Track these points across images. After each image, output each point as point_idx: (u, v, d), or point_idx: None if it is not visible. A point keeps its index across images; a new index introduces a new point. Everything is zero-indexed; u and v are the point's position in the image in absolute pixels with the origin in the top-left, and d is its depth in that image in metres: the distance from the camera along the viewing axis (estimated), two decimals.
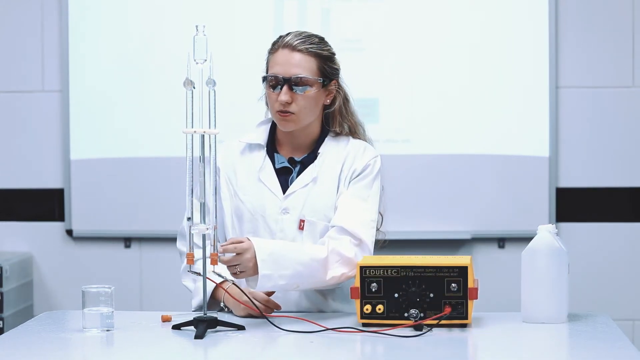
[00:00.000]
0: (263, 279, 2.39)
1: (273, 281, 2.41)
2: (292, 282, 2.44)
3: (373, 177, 2.60)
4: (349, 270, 2.50)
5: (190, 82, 2.25)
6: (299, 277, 2.45)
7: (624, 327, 4.06)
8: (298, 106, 2.54)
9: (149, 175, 4.30)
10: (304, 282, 2.47)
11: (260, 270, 2.38)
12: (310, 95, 2.55)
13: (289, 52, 2.54)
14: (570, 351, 2.22)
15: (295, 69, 2.53)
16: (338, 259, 2.49)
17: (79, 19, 4.30)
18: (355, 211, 2.55)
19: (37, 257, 4.40)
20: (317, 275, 2.47)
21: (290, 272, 2.43)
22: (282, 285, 2.43)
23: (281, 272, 2.41)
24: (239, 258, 2.37)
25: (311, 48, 2.56)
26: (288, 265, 2.43)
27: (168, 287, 4.21)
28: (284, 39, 2.57)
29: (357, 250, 2.51)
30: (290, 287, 2.46)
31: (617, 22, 4.22)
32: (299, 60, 2.53)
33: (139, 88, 4.29)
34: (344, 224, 2.52)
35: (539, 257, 2.36)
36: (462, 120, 4.22)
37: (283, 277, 2.42)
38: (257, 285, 2.40)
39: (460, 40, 4.22)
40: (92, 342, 2.22)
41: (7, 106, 4.37)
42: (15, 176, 4.39)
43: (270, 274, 2.40)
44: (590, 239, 4.26)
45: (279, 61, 2.54)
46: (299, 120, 2.55)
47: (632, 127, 4.24)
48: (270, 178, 2.60)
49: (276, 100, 2.53)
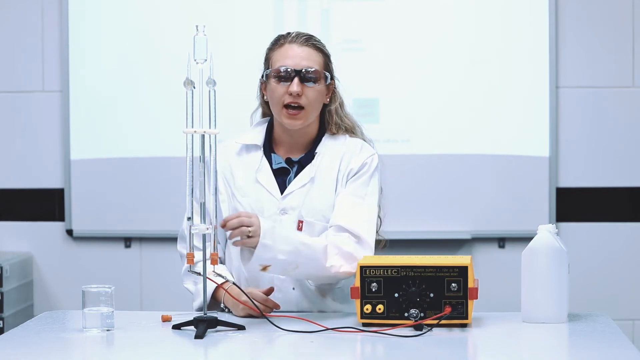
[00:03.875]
0: (262, 249, 2.36)
1: (272, 253, 2.38)
2: (291, 259, 2.41)
3: (370, 174, 2.60)
4: (348, 264, 2.48)
5: (190, 82, 2.25)
6: (299, 256, 2.42)
7: (624, 327, 4.06)
8: (308, 99, 2.54)
9: (149, 175, 4.30)
10: (303, 263, 2.44)
11: (261, 238, 2.36)
12: (319, 90, 2.57)
13: (298, 46, 2.56)
14: (570, 351, 2.22)
15: (306, 62, 2.55)
16: (337, 251, 2.48)
17: (79, 19, 4.30)
18: (353, 209, 2.55)
19: (37, 257, 4.40)
20: (317, 259, 2.45)
21: (291, 248, 2.41)
22: (281, 260, 2.40)
23: (282, 246, 2.39)
24: (246, 220, 2.35)
25: (318, 44, 2.60)
26: (289, 241, 2.41)
27: (168, 287, 4.21)
28: (289, 35, 2.60)
29: (357, 247, 2.50)
30: (289, 265, 2.43)
31: (617, 22, 4.22)
32: (310, 54, 2.56)
33: (139, 88, 4.29)
34: (342, 222, 2.52)
35: (539, 257, 2.36)
36: (462, 120, 4.22)
37: (283, 252, 2.40)
38: (254, 256, 2.37)
39: (460, 40, 4.22)
40: (92, 342, 2.22)
41: (7, 106, 4.37)
42: (15, 176, 4.39)
43: (271, 245, 2.37)
44: (590, 239, 4.26)
45: (290, 54, 2.55)
46: (307, 116, 2.56)
47: (632, 127, 4.24)
48: (267, 179, 2.60)
49: (284, 94, 2.53)
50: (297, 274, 2.50)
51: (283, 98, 2.54)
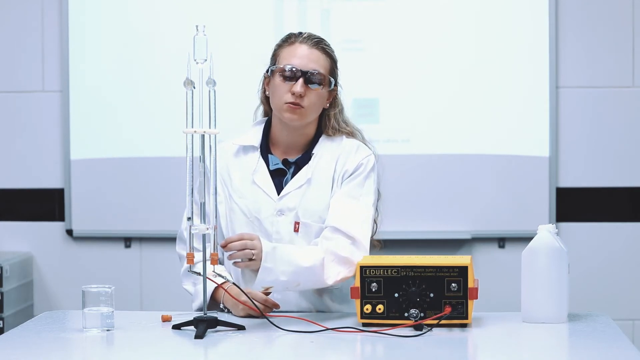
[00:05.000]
0: (264, 272, 2.38)
1: (274, 275, 2.40)
2: (292, 279, 2.43)
3: (365, 175, 2.59)
4: (345, 269, 2.49)
5: (190, 82, 2.25)
6: (300, 275, 2.44)
7: (624, 327, 4.06)
8: (309, 101, 2.55)
9: (149, 175, 4.30)
10: (304, 280, 2.46)
11: (263, 262, 2.38)
12: (321, 93, 2.57)
13: (309, 47, 2.57)
14: (570, 351, 2.22)
15: (314, 64, 2.55)
16: (333, 258, 2.48)
17: (79, 19, 4.29)
18: (347, 210, 2.54)
19: (37, 257, 4.40)
20: (317, 274, 2.47)
21: (292, 268, 2.42)
22: (283, 282, 2.42)
23: (283, 267, 2.41)
24: (249, 243, 2.36)
25: (328, 49, 2.61)
26: (290, 262, 2.42)
27: (168, 287, 4.21)
28: (300, 35, 2.60)
29: (353, 249, 2.50)
30: (291, 284, 2.45)
31: (617, 22, 4.22)
32: (318, 57, 2.57)
33: (139, 88, 4.29)
34: (336, 223, 2.52)
35: (539, 257, 2.36)
36: (462, 120, 4.22)
37: (284, 273, 2.41)
38: (257, 279, 2.39)
39: (460, 40, 4.22)
40: (92, 342, 2.22)
41: (7, 106, 4.37)
42: (15, 176, 4.39)
43: (272, 268, 2.39)
44: (590, 239, 4.26)
45: (298, 54, 2.56)
46: (306, 115, 2.56)
47: (632, 127, 4.24)
48: (264, 180, 2.60)
49: (287, 92, 2.53)
50: (298, 289, 2.52)
51: (285, 96, 2.54)
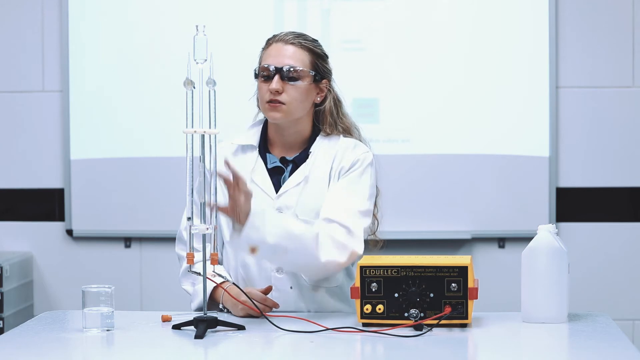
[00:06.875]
0: (251, 229, 2.36)
1: (261, 234, 2.37)
2: (280, 243, 2.40)
3: (362, 170, 2.59)
4: (339, 253, 2.46)
5: (190, 82, 2.25)
6: (288, 241, 2.41)
7: (624, 327, 4.06)
8: (289, 97, 2.55)
9: (149, 175, 4.30)
10: (293, 249, 2.42)
11: (251, 217, 2.36)
12: (301, 87, 2.56)
13: (283, 45, 2.58)
14: (570, 351, 2.22)
15: (288, 60, 2.56)
16: (330, 242, 2.46)
17: (79, 19, 4.30)
18: (341, 202, 2.53)
19: (37, 257, 4.40)
20: (307, 246, 2.43)
21: (280, 232, 2.40)
22: (270, 245, 2.39)
23: (271, 229, 2.39)
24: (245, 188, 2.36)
25: (304, 43, 2.60)
26: (279, 225, 2.41)
27: (168, 287, 4.21)
28: (277, 35, 2.62)
29: (348, 237, 2.48)
30: (278, 249, 2.41)
31: (617, 22, 4.22)
32: (292, 53, 2.57)
33: (139, 88, 4.29)
34: (330, 215, 2.51)
35: (539, 257, 2.36)
36: (462, 120, 4.22)
37: (272, 235, 2.38)
38: (243, 234, 2.36)
39: (460, 41, 4.22)
40: (92, 342, 2.22)
41: (7, 106, 4.37)
42: (15, 176, 4.39)
43: (260, 226, 2.37)
44: (590, 239, 4.26)
45: (272, 53, 2.58)
46: (288, 111, 2.56)
47: (632, 127, 4.24)
48: (262, 178, 2.60)
49: (267, 91, 2.54)
50: (286, 261, 2.48)
51: (265, 96, 2.56)
